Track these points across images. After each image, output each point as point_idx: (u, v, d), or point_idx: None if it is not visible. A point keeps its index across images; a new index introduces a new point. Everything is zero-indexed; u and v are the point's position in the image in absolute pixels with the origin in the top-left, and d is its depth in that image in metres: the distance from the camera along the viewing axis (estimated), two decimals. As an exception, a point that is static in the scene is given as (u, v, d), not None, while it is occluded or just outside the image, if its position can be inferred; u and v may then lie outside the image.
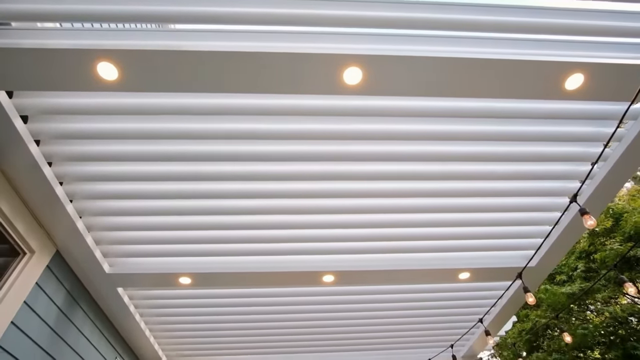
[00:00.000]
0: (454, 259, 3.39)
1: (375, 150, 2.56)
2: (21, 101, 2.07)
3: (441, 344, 4.80)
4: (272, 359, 5.03)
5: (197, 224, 2.90)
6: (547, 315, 9.86)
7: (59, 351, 2.93)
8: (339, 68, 1.95)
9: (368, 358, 5.15)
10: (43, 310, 2.74)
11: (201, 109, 2.27)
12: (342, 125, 2.45)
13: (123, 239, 2.99)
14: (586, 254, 10.34)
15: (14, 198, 2.38)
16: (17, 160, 2.20)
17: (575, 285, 9.53)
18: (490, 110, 2.43)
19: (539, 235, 3.24)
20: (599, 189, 2.66)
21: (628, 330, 9.27)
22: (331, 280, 3.38)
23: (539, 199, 3.00)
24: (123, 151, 2.43)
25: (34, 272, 2.61)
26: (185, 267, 3.20)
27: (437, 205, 2.94)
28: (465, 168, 2.73)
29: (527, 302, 2.96)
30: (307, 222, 2.95)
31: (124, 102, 2.21)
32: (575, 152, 2.70)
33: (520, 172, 2.77)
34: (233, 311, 4.01)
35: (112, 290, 3.34)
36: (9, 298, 2.39)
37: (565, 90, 2.14)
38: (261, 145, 2.49)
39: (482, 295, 4.00)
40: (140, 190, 2.66)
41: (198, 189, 2.67)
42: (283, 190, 2.71)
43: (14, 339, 2.46)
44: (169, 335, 4.39)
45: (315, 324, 4.29)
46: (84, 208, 2.69)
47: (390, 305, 4.08)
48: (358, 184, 2.75)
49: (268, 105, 2.28)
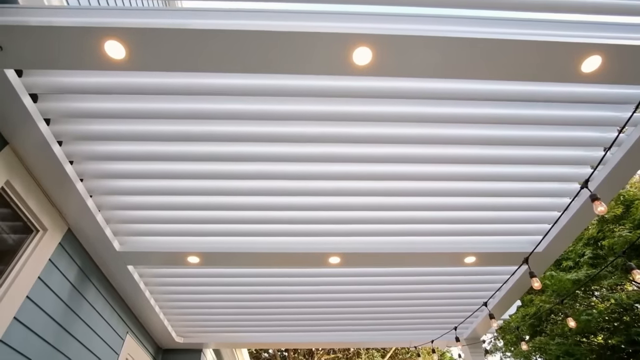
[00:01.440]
0: (461, 243, 3.39)
1: (383, 133, 2.54)
2: (31, 80, 2.08)
3: (445, 326, 4.86)
4: (279, 337, 5.16)
5: (205, 204, 2.93)
6: (552, 300, 9.92)
7: (72, 325, 3.04)
8: (349, 48, 1.91)
9: (373, 338, 5.25)
10: (57, 286, 2.82)
11: (209, 89, 2.26)
12: (350, 107, 2.42)
13: (133, 218, 3.04)
14: (594, 240, 10.29)
15: (26, 177, 2.42)
16: (28, 138, 2.22)
17: (582, 272, 9.53)
18: (502, 93, 2.38)
19: (547, 220, 3.22)
20: (611, 175, 2.62)
21: (633, 317, 9.30)
22: (337, 262, 3.42)
23: (548, 184, 2.97)
24: (133, 131, 2.44)
25: (47, 249, 2.68)
26: (193, 246, 3.25)
27: (446, 189, 2.92)
28: (474, 152, 2.69)
29: (533, 287, 2.96)
30: (314, 204, 2.96)
31: (133, 81, 2.21)
32: (587, 137, 2.64)
33: (531, 156, 2.72)
34: (240, 290, 4.09)
35: (122, 267, 3.43)
36: (24, 273, 2.46)
37: (581, 73, 2.08)
38: (269, 127, 2.48)
39: (487, 279, 4.02)
40: (149, 170, 2.68)
41: (206, 170, 2.68)
42: (290, 172, 2.72)
43: (30, 313, 2.54)
44: (178, 312, 4.51)
45: (321, 304, 4.36)
46: (94, 187, 2.73)
47: (395, 288, 4.13)
48: (366, 167, 2.74)
49: (276, 85, 2.26)
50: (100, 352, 3.50)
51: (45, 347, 2.70)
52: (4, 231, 2.45)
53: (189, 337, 5.12)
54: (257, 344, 5.54)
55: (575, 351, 9.63)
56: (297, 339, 5.19)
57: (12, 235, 2.50)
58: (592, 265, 9.92)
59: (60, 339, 2.88)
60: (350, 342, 5.40)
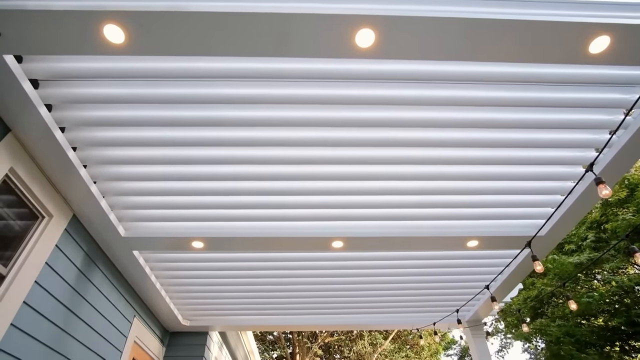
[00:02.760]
0: (463, 227, 3.39)
1: (386, 117, 2.52)
2: (31, 66, 2.06)
3: (447, 309, 4.92)
4: (283, 319, 5.24)
5: (209, 190, 2.94)
6: (553, 283, 9.99)
7: (80, 308, 3.10)
8: (351, 30, 1.87)
9: (375, 320, 5.32)
10: (64, 271, 2.87)
11: (211, 73, 2.24)
12: (353, 91, 2.39)
13: (137, 204, 3.06)
14: (597, 224, 10.30)
15: (29, 163, 2.43)
16: (30, 125, 2.22)
17: (584, 255, 9.57)
18: (506, 75, 2.34)
19: (550, 204, 3.22)
20: (616, 158, 2.59)
21: (634, 299, 9.38)
22: (340, 246, 3.44)
23: (551, 168, 2.95)
24: (135, 116, 2.43)
25: (53, 235, 2.71)
26: (197, 231, 3.28)
27: (449, 173, 2.91)
28: (478, 135, 2.67)
29: (535, 270, 2.98)
30: (317, 189, 2.97)
31: (135, 66, 2.19)
32: (593, 120, 2.61)
33: (535, 140, 2.70)
34: (245, 274, 4.14)
35: (128, 252, 3.47)
36: (31, 259, 2.50)
37: (588, 54, 2.04)
38: (272, 111, 2.46)
39: (490, 262, 4.04)
40: (152, 155, 2.68)
41: (210, 155, 2.68)
42: (293, 157, 2.71)
43: (39, 297, 2.59)
44: (184, 296, 4.58)
45: (324, 287, 4.41)
46: (97, 173, 2.73)
47: (398, 271, 4.16)
48: (368, 151, 2.72)
49: (278, 69, 2.23)
50: (108, 334, 3.58)
51: (54, 329, 2.76)
52: (10, 218, 2.47)
53: (195, 320, 5.21)
54: (261, 327, 5.64)
55: (576, 332, 9.76)
56: (300, 321, 5.29)
57: (18, 222, 2.53)
58: (594, 248, 9.95)
59: (69, 322, 2.94)
60: (353, 324, 5.49)
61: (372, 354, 15.42)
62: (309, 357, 15.80)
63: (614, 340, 10.08)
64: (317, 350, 15.81)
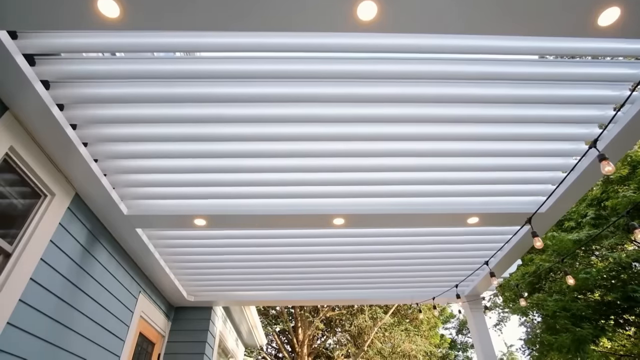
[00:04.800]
0: (464, 204, 3.40)
1: (387, 93, 2.48)
2: (26, 42, 2.02)
3: (446, 284, 5.01)
4: (285, 294, 5.35)
5: (210, 167, 2.93)
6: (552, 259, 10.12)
7: (86, 285, 3.16)
8: (352, 2, 1.81)
9: (376, 295, 5.43)
10: (69, 248, 2.91)
11: (209, 48, 2.19)
12: (354, 66, 2.35)
13: (139, 182, 3.06)
14: (598, 201, 10.32)
15: (29, 142, 2.42)
16: (27, 103, 2.20)
17: (583, 232, 9.64)
18: (511, 49, 2.28)
19: (551, 181, 3.21)
20: (620, 134, 2.56)
21: (630, 275, 9.52)
22: (341, 223, 3.47)
23: (553, 144, 2.92)
24: (135, 94, 2.40)
25: (56, 213, 2.73)
26: (199, 209, 3.30)
27: (450, 150, 2.89)
28: (480, 112, 2.64)
29: (535, 246, 3.01)
30: (318, 166, 2.96)
31: (133, 41, 2.15)
32: (596, 96, 2.57)
33: (537, 116, 2.67)
34: (247, 250, 4.19)
35: (131, 230, 3.50)
36: (36, 237, 2.53)
37: (597, 27, 1.98)
38: (273, 88, 2.43)
39: (489, 239, 4.07)
40: (153, 133, 2.66)
41: (210, 132, 2.66)
42: (295, 134, 2.69)
43: (45, 274, 2.64)
44: (188, 272, 4.66)
45: (326, 263, 4.47)
46: (98, 151, 2.72)
47: (398, 247, 4.21)
48: (370, 128, 2.70)
49: (276, 44, 2.18)
50: (115, 310, 3.67)
51: (62, 305, 2.83)
52: (13, 196, 2.48)
53: (199, 296, 5.33)
54: (264, 302, 5.76)
55: (572, 307, 9.96)
56: (303, 296, 5.40)
57: (21, 201, 2.54)
58: (593, 225, 10.02)
59: (75, 297, 3.00)
60: (354, 299, 5.60)
61: (372, 327, 15.83)
62: (310, 330, 16.24)
63: (609, 314, 10.30)
64: (318, 324, 16.23)
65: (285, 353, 16.50)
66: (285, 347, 17.30)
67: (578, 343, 9.28)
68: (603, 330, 10.00)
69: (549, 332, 10.51)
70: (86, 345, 3.16)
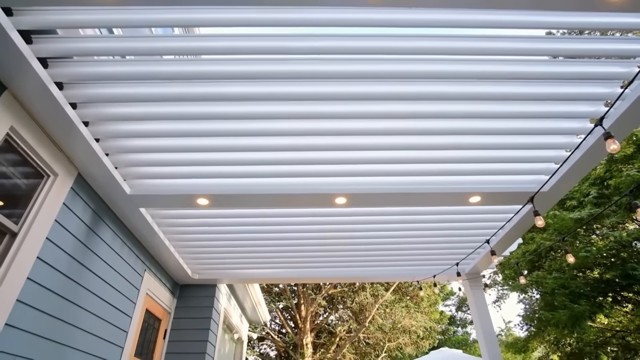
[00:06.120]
0: (466, 183, 3.39)
1: (388, 70, 2.44)
2: (22, 19, 1.97)
3: (447, 262, 5.07)
4: (288, 272, 5.44)
5: (212, 147, 2.92)
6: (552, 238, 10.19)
7: (92, 263, 3.21)
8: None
9: (377, 273, 5.51)
10: (73, 228, 2.94)
11: (208, 23, 2.14)
12: (357, 43, 2.30)
13: (141, 161, 3.06)
14: (601, 180, 10.29)
15: (30, 122, 2.40)
16: (25, 82, 2.17)
17: (585, 211, 9.66)
18: (517, 24, 2.22)
19: (554, 160, 3.18)
20: (627, 112, 2.51)
21: (630, 253, 9.59)
22: (343, 202, 3.47)
23: (557, 122, 2.89)
24: (135, 71, 2.37)
25: (59, 193, 2.74)
26: (202, 188, 3.31)
27: (453, 128, 2.87)
28: (483, 89, 2.60)
29: (536, 224, 3.02)
30: (320, 145, 2.95)
31: (129, 18, 2.10)
32: (603, 73, 2.52)
33: (540, 94, 2.62)
34: (250, 229, 4.23)
35: (135, 210, 3.53)
36: (40, 216, 2.55)
37: (607, 1, 1.91)
38: (275, 66, 2.39)
39: (491, 217, 4.08)
40: (155, 112, 2.65)
41: (213, 111, 2.64)
42: (297, 112, 2.67)
43: (51, 252, 2.68)
44: (192, 251, 4.73)
45: (328, 241, 4.52)
46: (100, 131, 2.71)
47: (400, 226, 4.24)
48: (371, 106, 2.67)
49: (278, 19, 2.13)
50: (121, 287, 3.74)
51: (69, 282, 2.89)
52: (16, 177, 2.49)
53: (203, 274, 5.42)
54: (267, 279, 5.86)
55: (570, 284, 10.09)
56: (305, 274, 5.48)
57: (24, 181, 2.55)
58: (595, 204, 10.02)
59: (82, 275, 3.06)
60: (356, 276, 5.68)
61: (373, 304, 16.16)
62: (313, 307, 16.60)
63: (607, 291, 10.45)
64: (321, 301, 16.57)
65: (288, 329, 16.93)
66: (288, 323, 17.74)
67: (575, 319, 9.46)
68: (600, 307, 10.16)
69: (547, 308, 10.70)
70: (94, 321, 3.24)
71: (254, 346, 17.66)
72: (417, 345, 17.01)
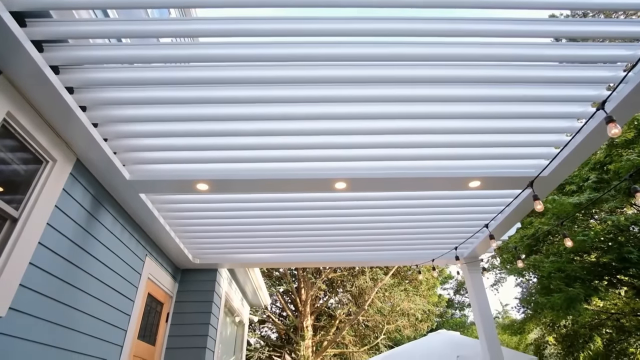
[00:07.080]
0: (466, 168, 3.39)
1: (388, 53, 2.41)
2: (14, 1, 1.93)
3: (446, 247, 5.11)
4: (288, 257, 5.48)
5: (212, 131, 2.91)
6: (551, 223, 10.24)
7: (94, 248, 3.23)
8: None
9: (376, 257, 5.57)
10: (74, 213, 2.95)
11: (211, 3, 2.10)
12: (358, 25, 2.26)
13: (140, 147, 3.05)
14: (601, 165, 10.28)
15: (27, 107, 2.38)
16: (20, 66, 2.14)
17: (584, 196, 9.68)
18: (519, 4, 2.19)
19: (554, 144, 3.17)
20: (629, 96, 2.49)
21: (627, 237, 9.66)
22: (343, 187, 3.48)
23: (557, 106, 2.87)
24: (133, 55, 2.34)
25: (59, 179, 2.74)
26: (201, 174, 3.30)
27: (453, 112, 2.85)
28: (483, 73, 2.57)
29: (535, 209, 3.03)
30: (320, 129, 2.93)
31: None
32: (607, 56, 2.48)
33: (541, 77, 2.60)
34: (250, 214, 4.24)
35: (134, 195, 3.53)
36: (40, 202, 2.55)
37: (614, -20, 1.88)
38: (275, 49, 2.35)
39: (490, 202, 4.09)
40: (153, 97, 2.62)
41: (211, 96, 2.62)
42: (296, 96, 2.64)
43: (52, 238, 2.69)
44: (192, 235, 4.76)
45: (328, 226, 4.55)
46: (98, 116, 2.69)
47: (399, 210, 4.25)
48: (371, 90, 2.64)
49: (279, 1, 2.09)
50: (123, 272, 3.78)
51: (70, 267, 2.91)
52: (15, 163, 2.48)
53: (204, 258, 5.47)
54: (268, 264, 5.92)
55: (567, 268, 10.20)
56: (305, 258, 5.53)
57: (23, 167, 2.54)
58: (595, 189, 10.03)
59: (84, 260, 3.09)
60: (355, 261, 5.74)
61: (372, 288, 16.37)
62: (313, 291, 16.83)
63: (603, 275, 10.57)
64: (321, 285, 16.78)
65: (289, 312, 17.20)
66: (288, 307, 18.01)
67: (569, 302, 9.59)
68: (596, 290, 10.29)
69: (543, 291, 10.84)
70: (97, 305, 3.28)
71: (255, 329, 17.98)
72: (416, 328, 17.32)
